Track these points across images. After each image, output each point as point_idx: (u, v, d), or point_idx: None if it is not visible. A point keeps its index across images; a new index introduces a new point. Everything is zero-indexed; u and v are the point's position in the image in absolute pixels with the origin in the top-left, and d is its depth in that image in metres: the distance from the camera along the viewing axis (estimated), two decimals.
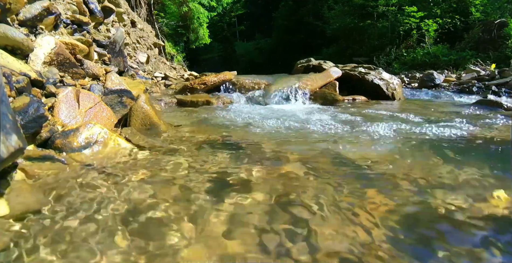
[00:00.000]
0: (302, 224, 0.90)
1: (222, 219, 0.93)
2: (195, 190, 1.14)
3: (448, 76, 7.05)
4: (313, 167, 1.37)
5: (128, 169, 1.33)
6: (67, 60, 2.16)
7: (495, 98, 3.39)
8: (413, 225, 0.91)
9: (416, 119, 2.55)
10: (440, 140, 1.81)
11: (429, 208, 1.00)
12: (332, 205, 1.01)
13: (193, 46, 14.67)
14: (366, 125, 2.24)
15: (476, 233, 0.86)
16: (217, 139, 1.88)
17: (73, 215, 0.94)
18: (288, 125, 2.32)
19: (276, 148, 1.67)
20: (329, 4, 17.55)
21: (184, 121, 2.53)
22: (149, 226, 0.89)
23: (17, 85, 1.51)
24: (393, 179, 1.23)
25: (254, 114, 2.85)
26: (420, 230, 0.88)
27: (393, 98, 4.14)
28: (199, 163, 1.42)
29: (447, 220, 0.93)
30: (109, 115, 1.96)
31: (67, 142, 1.47)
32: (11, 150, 0.86)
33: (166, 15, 12.82)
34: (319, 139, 1.88)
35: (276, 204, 1.03)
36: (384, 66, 11.43)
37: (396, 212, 0.97)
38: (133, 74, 4.10)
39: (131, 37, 6.55)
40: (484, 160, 1.46)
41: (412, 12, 12.50)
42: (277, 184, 1.18)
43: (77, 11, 2.87)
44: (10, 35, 1.71)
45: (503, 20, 10.35)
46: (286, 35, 22.33)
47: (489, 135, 1.94)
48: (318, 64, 4.99)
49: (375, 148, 1.66)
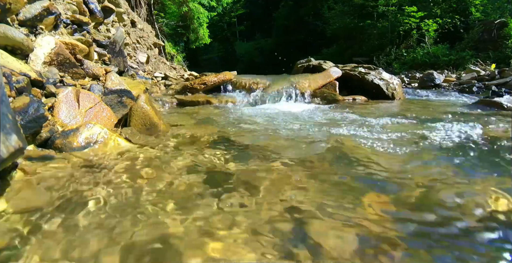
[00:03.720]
0: (302, 224, 0.90)
1: (223, 219, 0.93)
2: (196, 190, 1.14)
3: (448, 76, 7.05)
4: (314, 167, 1.37)
5: (128, 169, 1.33)
6: (67, 60, 2.16)
7: (495, 98, 3.39)
8: (414, 226, 0.91)
9: (416, 119, 2.55)
10: (440, 140, 1.81)
11: (429, 208, 1.00)
12: (333, 205, 1.01)
13: (193, 46, 14.67)
14: (366, 125, 2.24)
15: (477, 233, 0.87)
16: (217, 139, 1.88)
17: (73, 215, 0.94)
18: (288, 124, 2.32)
19: (276, 148, 1.67)
20: (329, 4, 17.56)
21: (184, 121, 2.53)
22: (149, 226, 0.89)
23: (17, 85, 1.51)
24: (393, 179, 1.23)
25: (254, 114, 2.85)
26: (421, 230, 0.88)
27: (393, 98, 4.14)
28: (199, 163, 1.42)
29: (448, 221, 0.93)
30: (109, 115, 1.96)
31: (67, 142, 1.47)
32: (11, 150, 0.86)
33: (166, 15, 12.82)
34: (319, 139, 1.88)
35: (276, 203, 1.03)
36: (384, 66, 11.44)
37: (395, 212, 0.97)
38: (133, 74, 4.10)
39: (131, 37, 6.55)
40: (484, 160, 1.46)
41: (412, 12, 12.50)
42: (278, 184, 1.18)
43: (77, 11, 2.87)
44: (10, 35, 1.71)
45: (503, 20, 10.36)
46: (286, 35, 22.34)
47: (489, 135, 1.94)
48: (318, 64, 4.99)
49: (375, 148, 1.66)
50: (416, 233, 0.87)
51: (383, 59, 12.73)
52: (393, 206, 1.01)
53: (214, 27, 23.40)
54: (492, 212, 0.97)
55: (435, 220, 0.93)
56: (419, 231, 0.88)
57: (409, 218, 0.94)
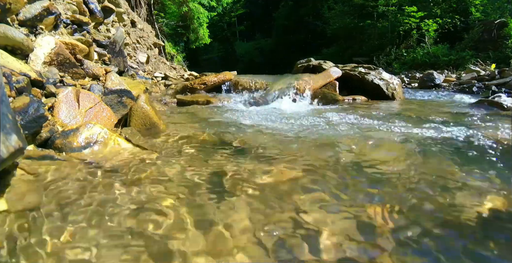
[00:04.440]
0: (303, 225, 0.90)
1: (223, 219, 0.93)
2: (196, 190, 1.13)
3: (448, 76, 7.06)
4: (314, 167, 1.37)
5: (128, 169, 1.33)
6: (67, 60, 2.16)
7: (496, 98, 3.39)
8: (417, 227, 0.91)
9: (416, 119, 2.55)
10: (440, 140, 1.81)
11: (430, 209, 1.00)
12: (333, 205, 1.01)
13: (193, 46, 14.68)
14: (366, 125, 2.24)
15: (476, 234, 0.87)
16: (217, 139, 1.88)
17: (73, 215, 0.94)
18: (287, 125, 2.32)
19: (276, 148, 1.66)
20: (329, 4, 17.58)
21: (184, 121, 2.53)
22: (149, 226, 0.89)
23: (17, 85, 1.51)
24: (393, 179, 1.23)
25: (254, 114, 2.85)
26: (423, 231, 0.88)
27: (393, 98, 4.14)
28: (200, 163, 1.42)
29: (448, 221, 0.93)
30: (109, 115, 1.96)
31: (67, 142, 1.47)
32: (11, 150, 0.86)
33: (166, 15, 12.82)
34: (320, 139, 1.88)
35: (276, 203, 1.03)
36: (384, 66, 11.45)
37: (396, 211, 0.97)
38: (133, 74, 4.10)
39: (131, 37, 6.55)
40: (484, 160, 1.46)
41: (412, 12, 12.52)
42: (278, 184, 1.18)
43: (77, 11, 2.87)
44: (10, 35, 1.71)
45: (503, 20, 10.36)
46: (286, 35, 22.36)
47: (489, 135, 1.94)
48: (318, 64, 4.99)
49: (375, 148, 1.66)
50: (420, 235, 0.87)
51: (383, 59, 12.74)
52: (393, 206, 1.01)
53: (214, 27, 23.42)
54: (493, 213, 0.97)
55: (441, 223, 0.93)
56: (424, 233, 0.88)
57: (411, 219, 0.94)
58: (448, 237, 0.85)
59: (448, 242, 0.83)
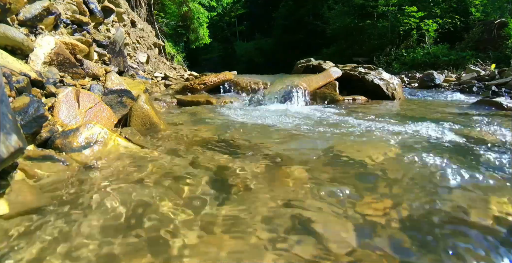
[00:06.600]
0: (304, 225, 0.90)
1: (223, 219, 0.93)
2: (196, 189, 1.13)
3: (448, 76, 7.06)
4: (314, 167, 1.37)
5: (128, 169, 1.33)
6: (67, 60, 2.16)
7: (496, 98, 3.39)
8: (416, 227, 0.91)
9: (416, 119, 2.54)
10: (440, 140, 1.81)
11: (431, 209, 1.00)
12: (333, 205, 1.01)
13: (193, 46, 14.68)
14: (366, 125, 2.24)
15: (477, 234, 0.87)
16: (217, 139, 1.88)
17: (73, 215, 0.94)
18: (287, 125, 2.32)
19: (276, 148, 1.66)
20: (329, 4, 17.58)
21: (184, 121, 2.53)
22: (149, 226, 0.89)
23: (17, 85, 1.51)
24: (393, 179, 1.23)
25: (254, 114, 2.85)
26: (423, 232, 0.88)
27: (393, 98, 4.14)
28: (200, 163, 1.42)
29: (449, 222, 0.93)
30: (109, 115, 1.96)
31: (67, 142, 1.47)
32: (11, 150, 0.86)
33: (166, 15, 12.81)
34: (320, 139, 1.88)
35: (276, 203, 1.03)
36: (384, 66, 11.45)
37: (396, 211, 0.97)
38: (133, 74, 4.10)
39: (131, 37, 6.55)
40: (484, 160, 1.46)
41: (412, 12, 12.52)
42: (278, 183, 1.18)
43: (77, 11, 2.87)
44: (10, 35, 1.71)
45: (503, 20, 10.37)
46: (286, 35, 22.35)
47: (489, 135, 1.94)
48: (318, 64, 4.99)
49: (375, 148, 1.66)
50: (419, 235, 0.87)
51: (383, 59, 12.75)
52: (392, 206, 1.01)
53: (214, 27, 23.44)
54: (494, 213, 0.97)
55: (439, 223, 0.93)
56: (421, 233, 0.88)
57: (411, 219, 0.94)
58: (450, 237, 0.85)
59: (448, 242, 0.83)
